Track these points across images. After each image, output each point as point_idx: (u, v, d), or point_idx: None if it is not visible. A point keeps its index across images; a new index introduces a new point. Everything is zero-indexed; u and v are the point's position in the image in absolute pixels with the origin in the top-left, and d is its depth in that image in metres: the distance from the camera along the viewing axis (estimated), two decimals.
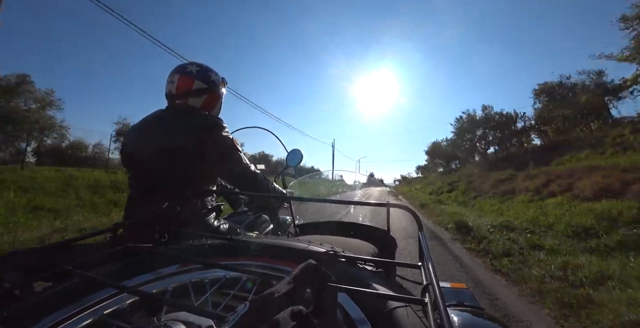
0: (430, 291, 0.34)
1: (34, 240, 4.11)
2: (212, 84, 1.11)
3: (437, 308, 0.28)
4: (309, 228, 1.21)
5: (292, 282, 0.25)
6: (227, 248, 0.53)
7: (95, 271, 0.44)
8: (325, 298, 0.27)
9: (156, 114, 1.09)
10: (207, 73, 1.10)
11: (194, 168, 1.00)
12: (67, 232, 4.68)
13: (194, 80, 1.07)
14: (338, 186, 1.84)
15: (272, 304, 0.23)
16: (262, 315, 0.21)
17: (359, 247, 0.71)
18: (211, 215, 1.05)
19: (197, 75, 1.08)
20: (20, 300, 0.36)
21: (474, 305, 0.67)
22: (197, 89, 1.07)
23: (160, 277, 0.45)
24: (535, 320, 2.10)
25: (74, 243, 0.50)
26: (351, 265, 0.46)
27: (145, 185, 1.03)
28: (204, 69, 1.10)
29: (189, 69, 1.08)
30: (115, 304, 0.39)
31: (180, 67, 1.10)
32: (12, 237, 4.07)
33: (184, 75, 1.07)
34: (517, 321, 2.07)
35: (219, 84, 1.14)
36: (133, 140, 1.06)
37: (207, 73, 1.10)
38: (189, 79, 1.07)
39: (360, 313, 0.36)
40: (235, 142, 1.08)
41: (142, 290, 0.39)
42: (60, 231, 4.71)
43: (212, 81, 1.11)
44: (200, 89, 1.07)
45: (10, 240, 3.94)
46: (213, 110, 1.16)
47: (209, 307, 0.39)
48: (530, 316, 2.15)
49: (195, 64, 1.11)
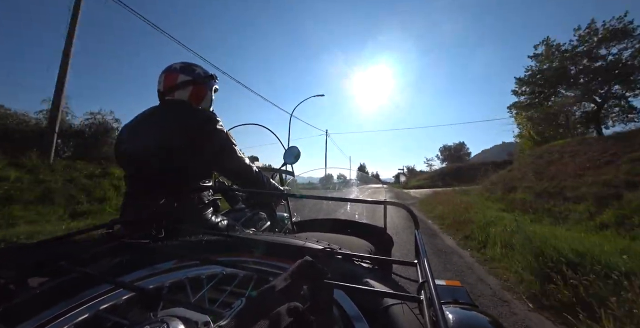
0: (425, 288, 0.34)
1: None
2: (197, 76, 1.14)
3: (433, 305, 0.28)
4: (306, 226, 1.21)
5: (289, 278, 0.25)
6: (224, 245, 0.53)
7: (91, 267, 0.43)
8: (321, 295, 0.27)
9: (149, 110, 1.10)
10: (190, 67, 1.15)
11: (190, 164, 0.99)
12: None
13: (178, 74, 1.11)
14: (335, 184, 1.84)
15: (268, 300, 0.23)
16: (258, 311, 0.21)
17: (355, 244, 0.71)
18: (208, 211, 1.05)
19: (180, 70, 1.12)
20: (16, 295, 0.36)
21: (468, 302, 0.68)
22: (181, 81, 1.11)
23: (156, 273, 0.45)
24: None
25: (70, 239, 0.50)
26: (348, 263, 0.46)
27: (141, 182, 1.03)
28: (187, 64, 1.15)
29: (173, 67, 1.14)
30: (111, 300, 0.39)
31: (166, 68, 1.15)
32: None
33: (169, 73, 1.12)
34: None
35: (204, 77, 1.17)
36: (127, 137, 1.06)
37: (190, 67, 1.15)
38: (173, 74, 1.11)
39: (357, 310, 0.36)
40: (230, 136, 1.09)
41: (138, 286, 0.39)
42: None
43: (196, 73, 1.14)
44: (184, 81, 1.11)
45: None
46: (201, 102, 1.17)
47: (205, 303, 0.39)
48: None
49: (180, 62, 1.16)
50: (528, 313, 2.05)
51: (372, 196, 1.86)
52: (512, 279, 2.65)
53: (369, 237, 0.79)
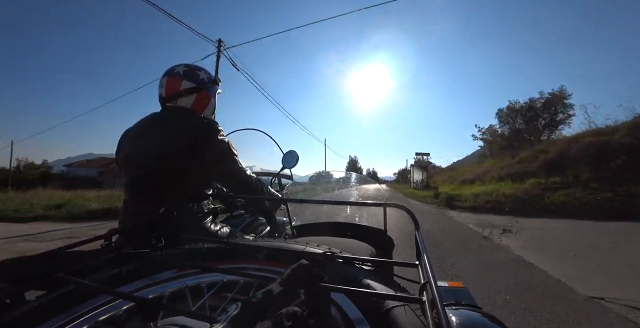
0: (427, 290, 0.34)
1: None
2: (201, 82, 1.09)
3: (435, 307, 0.28)
4: (306, 230, 1.21)
5: (285, 282, 0.25)
6: (224, 252, 0.52)
7: (90, 278, 0.43)
8: (319, 299, 0.27)
9: (150, 117, 1.08)
10: (194, 72, 1.09)
11: (190, 172, 0.99)
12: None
13: (181, 80, 1.06)
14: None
15: (264, 304, 0.23)
16: (254, 315, 0.21)
17: (356, 247, 0.71)
18: (208, 219, 1.04)
19: (184, 75, 1.07)
20: (13, 309, 0.35)
21: (472, 304, 0.68)
22: (185, 88, 1.06)
23: (156, 282, 0.45)
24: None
25: (67, 250, 0.49)
26: (349, 266, 0.46)
27: (140, 190, 1.02)
28: (191, 68, 1.10)
29: (176, 70, 1.08)
30: (110, 310, 0.38)
31: (168, 70, 1.09)
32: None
33: (172, 77, 1.07)
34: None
35: (209, 82, 1.12)
36: (127, 144, 1.05)
37: (194, 72, 1.09)
38: (176, 79, 1.06)
39: (359, 313, 0.36)
40: (231, 146, 1.08)
41: (137, 296, 0.38)
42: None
43: (200, 79, 1.09)
44: (188, 89, 1.06)
45: None
46: (205, 110, 1.14)
47: (206, 311, 0.39)
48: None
49: (183, 65, 1.10)
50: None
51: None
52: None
53: (370, 240, 0.79)
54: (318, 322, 0.24)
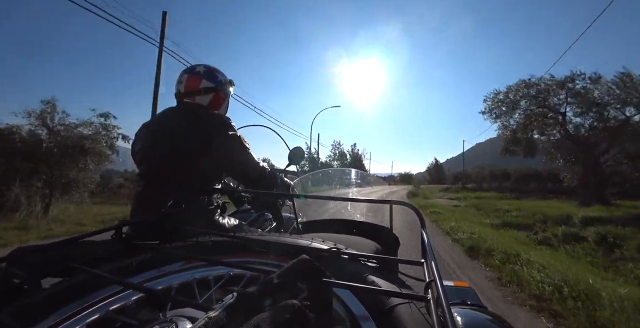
0: (433, 288, 0.34)
1: None
2: (219, 83, 1.15)
3: (440, 305, 0.28)
4: (311, 226, 1.21)
5: (284, 275, 0.26)
6: (231, 246, 0.53)
7: (101, 268, 0.44)
8: (320, 294, 0.27)
9: (166, 112, 1.13)
10: (213, 73, 1.16)
11: (202, 167, 1.01)
12: None
13: (201, 79, 1.12)
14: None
15: (261, 295, 0.23)
16: (250, 305, 0.22)
17: (362, 244, 0.71)
18: (217, 213, 1.06)
19: (204, 75, 1.13)
20: (29, 295, 0.36)
21: (477, 303, 0.67)
22: (204, 87, 1.12)
23: (165, 274, 0.46)
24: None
25: (81, 240, 0.51)
26: (354, 262, 0.46)
27: (153, 183, 1.05)
28: (210, 70, 1.16)
29: (197, 69, 1.14)
30: (121, 300, 0.39)
31: (188, 68, 1.16)
32: None
33: (192, 75, 1.12)
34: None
35: (226, 83, 1.19)
36: (144, 137, 1.09)
37: (213, 73, 1.16)
38: (196, 78, 1.12)
39: (363, 309, 0.36)
40: (243, 140, 1.11)
41: (147, 287, 0.39)
42: None
43: (218, 80, 1.16)
44: (207, 88, 1.12)
45: None
46: (220, 109, 1.20)
47: (213, 303, 0.40)
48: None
49: (202, 65, 1.17)
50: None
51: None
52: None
53: (375, 237, 0.79)
54: (319, 316, 0.24)
